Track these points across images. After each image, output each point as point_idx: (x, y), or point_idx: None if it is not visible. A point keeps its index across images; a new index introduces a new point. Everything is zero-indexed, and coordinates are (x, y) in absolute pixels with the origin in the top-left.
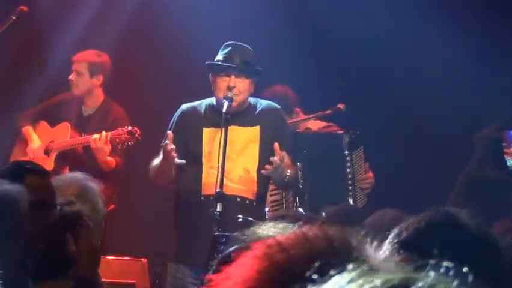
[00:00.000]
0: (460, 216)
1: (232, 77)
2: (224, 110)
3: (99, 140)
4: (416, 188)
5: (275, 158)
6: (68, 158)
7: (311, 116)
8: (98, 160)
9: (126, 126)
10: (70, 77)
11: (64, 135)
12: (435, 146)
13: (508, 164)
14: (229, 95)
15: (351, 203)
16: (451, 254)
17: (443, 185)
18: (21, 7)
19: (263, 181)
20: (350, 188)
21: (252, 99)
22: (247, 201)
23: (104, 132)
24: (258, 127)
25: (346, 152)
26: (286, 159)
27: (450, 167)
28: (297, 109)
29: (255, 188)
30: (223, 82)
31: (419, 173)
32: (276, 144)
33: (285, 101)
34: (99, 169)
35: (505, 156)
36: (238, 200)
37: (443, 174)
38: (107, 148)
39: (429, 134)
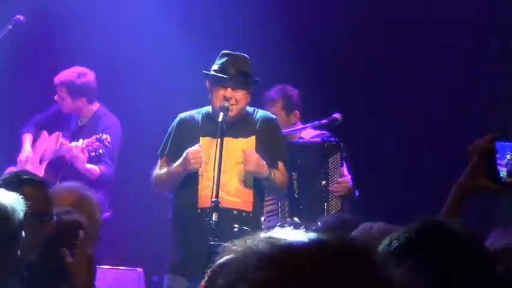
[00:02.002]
0: (451, 225)
1: (229, 88)
2: (220, 119)
3: (75, 148)
4: (407, 196)
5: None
6: (58, 167)
7: (307, 125)
8: (78, 168)
9: (100, 134)
10: (55, 97)
11: (55, 144)
12: (428, 154)
13: (501, 175)
14: (225, 105)
15: (325, 208)
16: (442, 262)
17: (435, 194)
18: (18, 16)
19: (259, 192)
20: (324, 194)
21: (249, 109)
22: (244, 214)
23: (81, 140)
24: (253, 137)
25: (321, 159)
26: (260, 160)
27: (443, 175)
28: (296, 112)
29: (252, 200)
30: (220, 92)
31: (411, 181)
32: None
33: (290, 100)
34: (87, 178)
35: (498, 167)
36: (235, 212)
37: (436, 183)
38: (83, 156)
39: (424, 140)
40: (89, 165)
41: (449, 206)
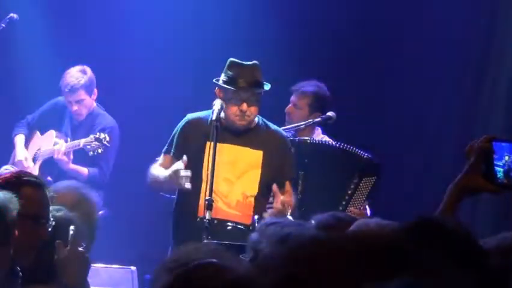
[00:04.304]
0: (446, 222)
1: (245, 104)
2: (214, 117)
3: (57, 151)
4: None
5: (276, 204)
6: (53, 167)
7: (301, 123)
8: (64, 169)
9: (98, 133)
10: (74, 108)
11: (49, 143)
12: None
13: (498, 175)
14: (221, 102)
15: None
16: (437, 258)
17: (431, 193)
18: (11, 14)
19: (261, 206)
20: (341, 208)
21: (260, 121)
22: (242, 226)
23: (64, 143)
24: (261, 152)
25: (356, 174)
26: (287, 200)
27: (439, 174)
28: (317, 113)
29: (251, 213)
30: (234, 108)
31: (411, 180)
32: (275, 187)
33: (319, 101)
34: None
35: (495, 167)
36: (232, 224)
37: (432, 182)
38: (66, 158)
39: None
40: (75, 166)
41: (445, 206)
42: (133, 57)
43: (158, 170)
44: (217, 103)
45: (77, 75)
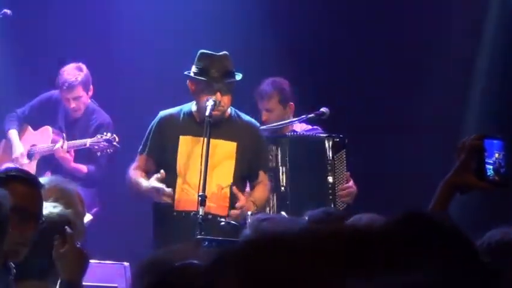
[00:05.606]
0: (434, 216)
1: (218, 93)
2: (207, 113)
3: (60, 149)
4: (400, 192)
5: (236, 209)
6: (50, 163)
7: (294, 120)
8: (66, 167)
9: (105, 133)
10: (72, 106)
11: (46, 139)
12: (420, 151)
13: (488, 173)
14: (213, 99)
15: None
16: (425, 253)
17: (422, 190)
18: (5, 10)
19: (236, 197)
20: (331, 192)
21: (233, 112)
22: (219, 218)
23: (65, 142)
24: (235, 144)
25: (328, 155)
26: (248, 203)
27: (430, 170)
28: (291, 104)
29: (227, 205)
30: (208, 97)
31: (403, 177)
32: (235, 189)
33: (285, 93)
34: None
35: (486, 165)
36: (210, 217)
37: (423, 179)
38: (69, 156)
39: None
40: (76, 164)
41: (436, 203)
42: (120, 55)
43: (137, 176)
44: (211, 101)
45: (73, 72)
